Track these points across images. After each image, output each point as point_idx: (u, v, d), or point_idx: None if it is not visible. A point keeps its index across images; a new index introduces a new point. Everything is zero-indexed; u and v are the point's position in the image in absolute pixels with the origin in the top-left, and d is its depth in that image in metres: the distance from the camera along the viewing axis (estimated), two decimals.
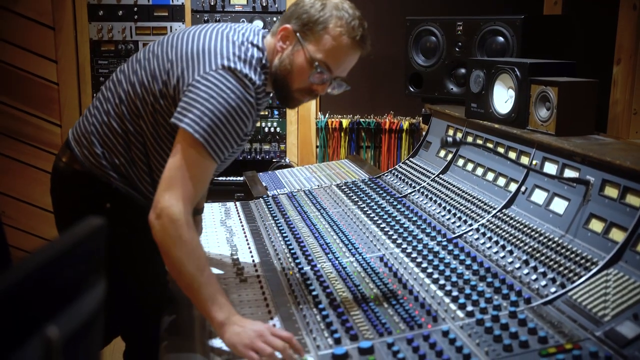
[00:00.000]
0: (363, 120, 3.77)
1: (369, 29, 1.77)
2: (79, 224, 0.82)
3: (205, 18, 3.63)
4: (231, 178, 3.79)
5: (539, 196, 2.00)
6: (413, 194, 2.55)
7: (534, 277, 1.68)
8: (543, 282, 1.64)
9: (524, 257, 1.78)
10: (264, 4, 3.63)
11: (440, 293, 1.70)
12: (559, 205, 1.89)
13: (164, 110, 1.72)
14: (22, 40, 3.65)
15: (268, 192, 2.85)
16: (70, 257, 0.79)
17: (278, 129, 3.75)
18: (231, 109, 1.59)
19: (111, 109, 1.81)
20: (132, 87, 1.77)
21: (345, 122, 3.76)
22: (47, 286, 0.73)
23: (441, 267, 1.84)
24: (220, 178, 3.79)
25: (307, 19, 1.69)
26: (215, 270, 1.99)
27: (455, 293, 1.67)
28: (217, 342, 1.57)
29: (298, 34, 1.70)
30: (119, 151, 1.80)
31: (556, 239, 1.79)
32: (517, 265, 1.76)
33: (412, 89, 3.11)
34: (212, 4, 3.62)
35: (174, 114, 1.61)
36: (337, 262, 1.99)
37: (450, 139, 1.72)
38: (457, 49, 2.92)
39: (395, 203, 2.48)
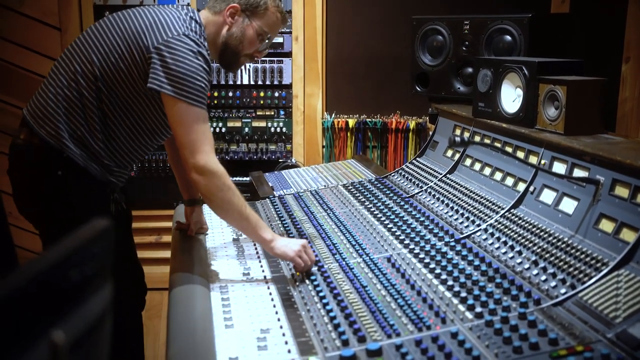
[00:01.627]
0: (369, 120, 3.75)
1: (374, 29, 1.91)
2: (84, 226, 0.81)
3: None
4: (237, 178, 3.78)
5: (548, 196, 1.98)
6: (420, 194, 2.54)
7: (543, 277, 1.67)
8: (553, 283, 1.62)
9: (533, 258, 1.76)
10: None
11: (448, 294, 1.68)
12: (568, 205, 1.87)
13: (122, 75, 1.96)
14: (28, 41, 3.64)
15: (274, 193, 2.84)
16: (76, 260, 0.78)
17: (284, 129, 3.74)
18: (198, 66, 1.90)
19: (65, 81, 2.00)
20: (87, 59, 1.99)
21: (351, 122, 3.75)
22: (53, 290, 0.72)
23: (449, 268, 1.83)
24: None
25: (254, 1, 2.09)
26: (221, 270, 1.99)
27: (463, 294, 1.66)
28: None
29: (247, 12, 2.09)
30: (74, 117, 1.98)
31: (566, 239, 1.78)
32: (526, 266, 1.75)
33: (418, 89, 3.10)
34: None
35: (151, 80, 1.89)
36: (344, 262, 1.97)
37: (458, 139, 1.71)
38: (464, 48, 2.90)
39: (402, 203, 2.47)
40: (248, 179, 3.70)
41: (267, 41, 2.16)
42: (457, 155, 2.60)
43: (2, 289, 0.65)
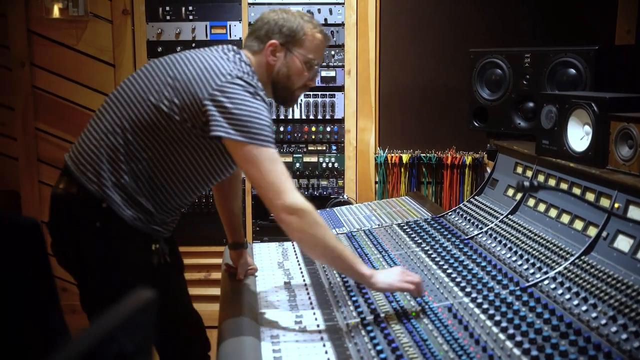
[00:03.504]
0: (424, 155, 3.64)
1: (430, 61, 1.81)
2: (128, 296, 0.74)
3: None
4: None
5: (623, 243, 1.83)
6: (480, 235, 2.41)
7: (624, 336, 1.52)
8: (636, 344, 1.47)
9: (611, 313, 1.62)
10: None
11: (517, 351, 1.55)
12: None
13: (174, 124, 1.87)
14: (83, 78, 3.69)
15: None
16: (119, 335, 0.71)
17: (336, 164, 3.66)
18: (259, 105, 1.84)
19: (110, 126, 1.91)
20: (134, 106, 1.90)
21: (405, 157, 3.64)
22: None
23: (516, 321, 1.69)
24: None
25: (288, 31, 1.99)
26: (272, 319, 1.91)
27: (534, 352, 1.52)
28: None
29: (287, 45, 2.00)
30: (117, 164, 1.89)
31: None
32: (603, 322, 1.60)
33: (476, 124, 2.98)
34: None
35: (213, 128, 1.81)
36: (401, 311, 1.86)
37: (527, 184, 1.59)
38: (524, 82, 2.78)
39: (461, 245, 2.34)
40: None
41: (315, 67, 2.07)
42: (519, 195, 2.46)
43: None
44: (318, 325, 1.84)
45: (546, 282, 1.91)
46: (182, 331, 2.17)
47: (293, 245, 2.64)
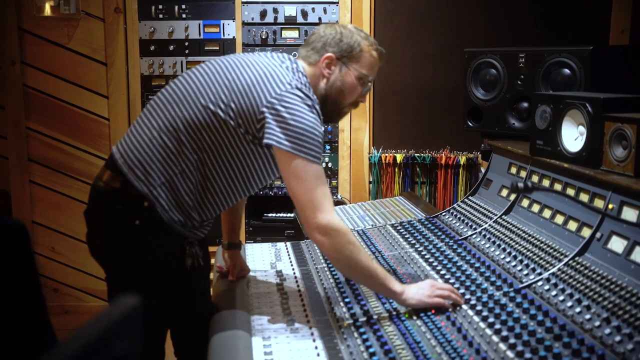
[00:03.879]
0: (418, 155, 3.63)
1: (425, 61, 1.81)
2: (113, 304, 0.71)
3: (257, 52, 3.57)
4: (282, 214, 3.69)
5: (617, 244, 1.82)
6: (474, 236, 2.40)
7: (617, 338, 1.50)
8: (630, 346, 1.46)
9: (605, 314, 1.60)
10: None
11: (510, 354, 1.54)
12: None
13: (229, 127, 1.85)
14: (75, 77, 3.66)
15: None
16: (103, 344, 0.69)
17: (330, 164, 3.65)
18: (314, 119, 1.83)
19: (163, 125, 1.88)
20: (189, 106, 1.87)
21: (399, 157, 3.63)
22: None
23: (510, 323, 1.68)
24: (270, 214, 3.70)
25: (346, 45, 1.98)
26: (264, 319, 1.90)
27: (528, 355, 1.51)
28: None
29: (343, 59, 1.98)
30: (168, 164, 1.86)
31: None
32: (597, 323, 1.59)
33: (471, 124, 2.97)
34: (263, 37, 3.57)
35: (267, 136, 1.81)
36: (394, 312, 1.85)
37: (521, 184, 1.57)
38: (519, 82, 2.77)
39: (455, 246, 2.33)
40: (292, 215, 3.62)
41: (369, 84, 2.04)
42: (513, 196, 2.45)
43: None
44: (310, 327, 1.82)
45: (540, 283, 1.90)
46: (201, 333, 2.14)
47: (286, 246, 2.62)
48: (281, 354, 1.67)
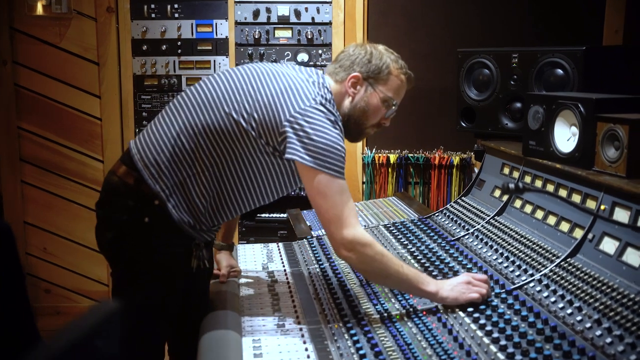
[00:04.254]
0: (411, 155, 3.62)
1: (419, 61, 1.83)
2: (93, 308, 0.70)
3: (250, 52, 3.56)
4: (275, 215, 3.68)
5: (609, 245, 1.81)
6: (466, 237, 2.39)
7: (608, 340, 1.49)
8: (620, 347, 1.45)
9: (596, 316, 1.60)
10: (309, 37, 3.54)
11: (501, 356, 1.53)
12: (633, 257, 1.70)
13: (250, 137, 1.84)
14: (67, 76, 3.64)
15: (312, 233, 2.72)
16: (82, 348, 0.68)
17: None
18: (337, 135, 1.82)
19: (184, 126, 1.86)
20: (212, 112, 1.86)
21: (392, 157, 3.62)
22: None
23: (501, 325, 1.67)
24: (263, 215, 3.69)
25: (374, 67, 1.97)
26: (255, 320, 1.89)
27: (518, 357, 1.50)
28: None
29: (369, 80, 1.97)
30: (183, 166, 1.85)
31: (632, 295, 1.60)
32: (588, 325, 1.58)
33: (464, 124, 2.96)
34: (256, 37, 3.55)
35: (289, 150, 1.80)
36: (386, 314, 1.84)
37: (512, 185, 1.56)
38: (512, 82, 2.76)
39: (447, 247, 2.32)
40: (285, 215, 3.60)
41: (393, 107, 2.03)
42: (506, 196, 2.44)
43: None
44: (301, 329, 1.81)
45: (532, 284, 1.89)
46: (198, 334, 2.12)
47: (278, 246, 2.61)
48: (271, 355, 1.66)
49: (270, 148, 1.85)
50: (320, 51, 3.54)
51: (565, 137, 2.20)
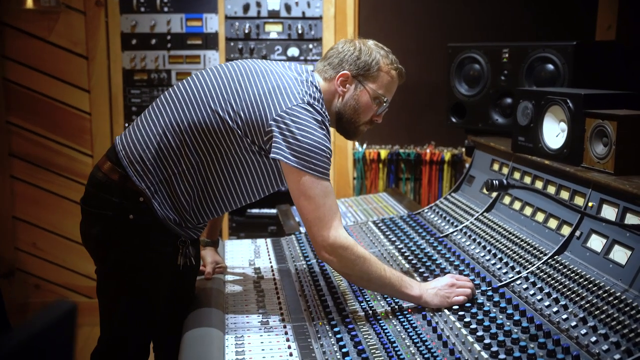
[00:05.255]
0: (402, 151, 3.60)
1: (410, 56, 1.81)
2: (50, 306, 0.68)
3: (240, 46, 3.53)
4: (265, 210, 3.66)
5: (596, 243, 1.80)
6: (455, 233, 2.37)
7: (593, 338, 1.48)
8: (605, 346, 1.44)
9: (581, 314, 1.58)
10: (300, 32, 3.51)
11: (485, 354, 1.51)
12: (620, 255, 1.69)
13: (236, 135, 1.81)
14: (56, 70, 3.61)
15: (300, 229, 2.70)
16: (37, 344, 0.66)
17: None
18: (323, 136, 1.79)
19: (169, 123, 1.84)
20: (198, 109, 1.83)
21: (383, 153, 3.60)
22: None
23: (486, 323, 1.65)
24: (253, 210, 3.67)
25: (363, 64, 1.94)
26: (239, 315, 1.87)
27: (502, 356, 1.48)
28: None
29: (359, 78, 1.94)
30: (169, 163, 1.83)
31: (618, 294, 1.59)
32: (573, 323, 1.56)
33: (454, 120, 2.94)
34: (246, 32, 3.53)
35: (274, 150, 1.77)
36: (370, 311, 1.82)
37: (496, 182, 1.55)
38: (502, 78, 2.74)
39: (435, 244, 2.30)
40: (274, 211, 3.58)
41: (384, 104, 2.00)
42: (495, 193, 2.42)
43: None
44: (285, 326, 1.79)
45: (518, 282, 1.87)
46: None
47: (266, 242, 2.59)
48: (254, 353, 1.64)
49: (256, 147, 1.83)
50: (310, 46, 3.51)
51: (554, 133, 2.18)
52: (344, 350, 1.60)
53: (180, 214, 1.85)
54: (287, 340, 1.70)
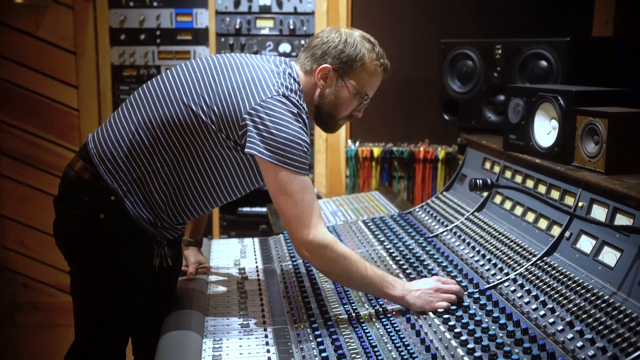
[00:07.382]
0: (396, 149, 3.55)
1: (403, 52, 1.73)
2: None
3: (231, 42, 3.48)
4: (256, 209, 3.61)
5: (585, 244, 1.74)
6: (445, 233, 2.32)
7: (579, 344, 1.43)
8: (591, 352, 1.38)
9: (568, 318, 1.53)
10: (292, 28, 3.46)
11: (467, 359, 1.46)
12: (609, 257, 1.63)
13: (210, 130, 1.75)
14: (43, 66, 3.56)
15: None
16: None
17: None
18: (299, 129, 1.72)
19: (142, 121, 1.78)
20: (170, 105, 1.77)
21: (376, 151, 3.55)
22: None
23: (471, 326, 1.60)
24: (244, 209, 3.62)
25: (346, 58, 1.85)
26: (219, 317, 1.83)
27: None
28: None
29: (340, 72, 1.86)
30: (142, 161, 1.77)
31: (606, 297, 1.54)
32: (560, 328, 1.51)
33: (446, 117, 2.89)
34: (237, 27, 3.47)
35: (249, 145, 1.70)
36: (354, 314, 1.77)
37: (480, 182, 1.49)
38: (495, 74, 2.69)
39: (424, 244, 2.25)
40: (264, 209, 3.53)
41: (365, 101, 1.93)
42: (486, 192, 2.37)
43: None
44: (265, 329, 1.74)
45: (506, 284, 1.82)
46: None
47: (253, 242, 2.54)
48: (231, 357, 1.59)
49: (231, 142, 1.77)
50: (302, 42, 3.46)
51: (546, 130, 2.12)
52: (323, 354, 1.55)
53: (155, 213, 1.80)
54: (267, 344, 1.65)
